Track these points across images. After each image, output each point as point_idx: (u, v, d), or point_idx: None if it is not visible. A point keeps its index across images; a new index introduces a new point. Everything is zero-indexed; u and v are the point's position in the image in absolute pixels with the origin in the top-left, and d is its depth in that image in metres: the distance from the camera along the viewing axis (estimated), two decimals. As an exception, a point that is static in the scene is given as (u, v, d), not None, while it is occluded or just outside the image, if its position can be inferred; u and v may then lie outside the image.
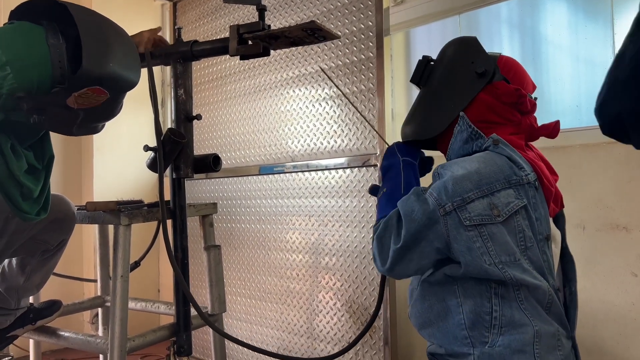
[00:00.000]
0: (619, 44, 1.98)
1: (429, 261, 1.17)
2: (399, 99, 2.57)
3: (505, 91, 1.24)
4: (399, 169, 1.30)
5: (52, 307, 1.91)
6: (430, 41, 2.48)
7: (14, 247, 1.60)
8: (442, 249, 1.13)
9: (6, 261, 1.70)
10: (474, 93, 1.26)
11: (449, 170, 1.15)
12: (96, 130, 1.54)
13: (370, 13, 2.19)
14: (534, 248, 1.13)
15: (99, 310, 2.34)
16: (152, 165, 1.68)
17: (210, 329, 1.96)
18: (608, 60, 1.93)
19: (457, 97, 1.28)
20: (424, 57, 1.39)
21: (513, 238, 1.11)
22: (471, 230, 1.09)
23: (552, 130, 1.30)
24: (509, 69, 1.30)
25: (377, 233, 1.19)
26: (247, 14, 2.78)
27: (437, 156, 1.41)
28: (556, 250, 1.25)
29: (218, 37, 1.73)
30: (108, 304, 2.26)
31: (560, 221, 1.31)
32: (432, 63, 1.38)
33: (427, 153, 1.44)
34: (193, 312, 1.81)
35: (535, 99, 1.31)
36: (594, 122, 1.98)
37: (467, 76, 1.29)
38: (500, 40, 2.34)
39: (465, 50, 1.34)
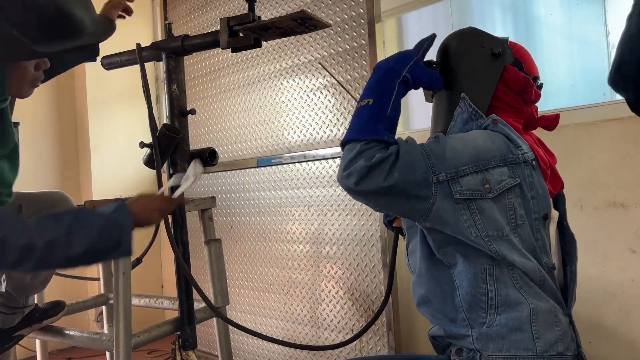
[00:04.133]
0: (610, 22, 1.98)
1: (392, 211, 1.18)
2: (394, 85, 2.56)
3: (514, 78, 1.24)
4: (395, 83, 1.19)
5: (57, 307, 1.93)
6: (422, 26, 2.48)
7: None
8: (418, 210, 1.11)
9: None
10: (497, 75, 1.25)
11: (447, 140, 1.15)
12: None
13: (360, 0, 2.18)
14: (525, 226, 1.14)
15: (103, 307, 2.36)
16: (149, 162, 1.68)
17: (215, 323, 1.98)
18: (601, 39, 1.93)
19: (480, 85, 1.26)
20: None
21: (503, 215, 1.11)
22: (460, 204, 1.09)
23: (550, 122, 1.31)
24: (523, 53, 1.30)
25: (373, 161, 1.08)
26: (238, 6, 2.77)
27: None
28: (552, 229, 1.26)
29: (209, 31, 1.72)
30: (112, 301, 2.28)
31: (560, 202, 1.31)
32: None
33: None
34: (197, 306, 1.82)
35: (541, 85, 1.32)
36: (589, 101, 1.99)
37: (482, 61, 1.27)
38: (493, 22, 2.33)
39: (469, 38, 1.32)
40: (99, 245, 1.19)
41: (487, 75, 1.26)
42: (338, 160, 2.31)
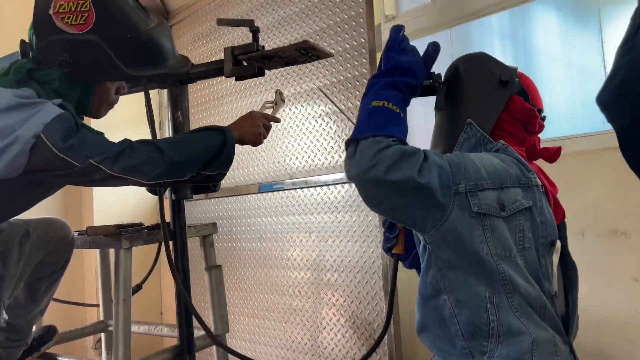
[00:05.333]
0: (608, 51, 2.01)
1: (404, 217, 1.12)
2: (395, 113, 2.59)
3: (520, 108, 1.26)
4: (414, 90, 1.23)
5: (49, 332, 1.94)
6: (423, 55, 2.51)
7: (29, 271, 1.63)
8: (432, 218, 1.10)
9: None
10: (502, 103, 1.26)
11: (464, 154, 1.16)
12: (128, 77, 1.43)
13: (362, 30, 2.22)
14: (531, 250, 1.13)
15: (102, 335, 2.33)
16: (152, 188, 1.69)
17: (215, 351, 1.95)
18: (599, 68, 1.96)
19: (485, 111, 1.27)
20: (432, 74, 1.37)
21: (512, 236, 1.11)
22: (474, 218, 1.09)
23: (552, 154, 1.32)
24: (529, 84, 1.32)
25: (407, 148, 1.09)
26: (242, 35, 2.81)
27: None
28: (555, 257, 1.25)
29: (213, 59, 1.75)
30: (111, 328, 2.25)
31: (561, 230, 1.32)
32: (438, 84, 1.36)
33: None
34: (196, 333, 1.81)
35: (544, 117, 1.33)
36: (589, 130, 2.01)
37: (490, 87, 1.28)
38: (492, 51, 2.35)
39: (479, 63, 1.34)
40: (209, 144, 1.41)
41: (492, 101, 1.28)
42: (339, 186, 2.31)
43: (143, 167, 1.29)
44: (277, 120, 1.69)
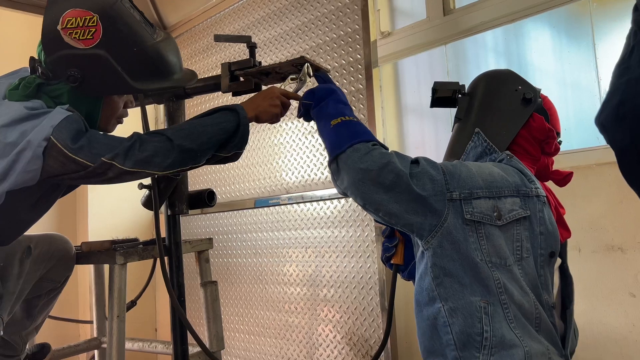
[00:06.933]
0: (601, 67, 2.03)
1: (402, 221, 1.13)
2: (390, 128, 2.60)
3: (539, 126, 1.28)
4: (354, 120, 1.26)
5: (43, 349, 1.92)
6: (418, 71, 2.53)
7: (29, 288, 1.61)
8: (428, 224, 1.11)
9: None
10: (523, 119, 1.28)
11: (463, 163, 1.17)
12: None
13: (358, 46, 2.24)
14: (529, 260, 1.13)
15: (95, 352, 2.30)
16: (147, 203, 1.68)
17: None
18: (592, 84, 1.98)
19: (503, 125, 1.29)
20: (455, 85, 1.40)
21: (509, 245, 1.12)
22: (468, 225, 1.10)
23: (563, 178, 1.34)
24: (550, 106, 1.35)
25: (392, 152, 1.13)
26: (239, 51, 2.83)
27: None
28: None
29: (210, 75, 1.75)
30: (104, 345, 2.23)
31: (562, 247, 1.32)
32: (460, 95, 1.39)
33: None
34: (191, 350, 1.79)
35: (560, 142, 1.35)
36: (583, 145, 2.01)
37: (513, 103, 1.31)
38: (487, 68, 2.38)
39: (506, 79, 1.36)
40: (223, 126, 1.37)
41: (514, 117, 1.30)
42: (335, 201, 2.31)
43: (154, 159, 1.29)
44: (298, 98, 1.62)
